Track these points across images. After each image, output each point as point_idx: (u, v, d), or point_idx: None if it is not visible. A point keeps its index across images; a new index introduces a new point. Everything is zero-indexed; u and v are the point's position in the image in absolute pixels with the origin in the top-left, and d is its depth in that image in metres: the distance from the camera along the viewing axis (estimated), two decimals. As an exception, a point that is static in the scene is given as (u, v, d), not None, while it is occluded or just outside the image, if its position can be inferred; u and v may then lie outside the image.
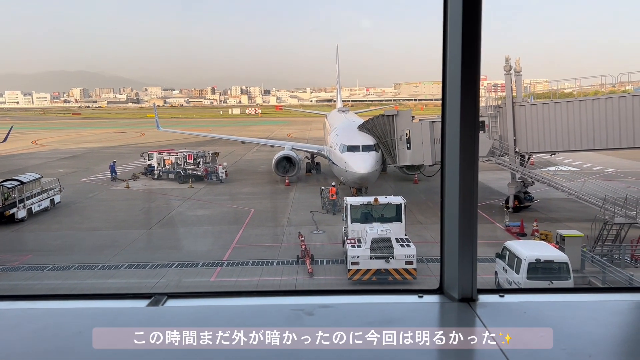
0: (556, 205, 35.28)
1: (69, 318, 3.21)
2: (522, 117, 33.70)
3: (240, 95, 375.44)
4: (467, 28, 3.11)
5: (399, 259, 22.17)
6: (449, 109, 3.27)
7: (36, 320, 3.18)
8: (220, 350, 2.90)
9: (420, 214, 33.12)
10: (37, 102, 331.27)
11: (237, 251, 27.03)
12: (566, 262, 19.89)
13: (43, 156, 66.83)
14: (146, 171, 49.53)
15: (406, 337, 2.98)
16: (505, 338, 2.97)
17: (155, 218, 35.04)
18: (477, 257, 3.39)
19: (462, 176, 3.25)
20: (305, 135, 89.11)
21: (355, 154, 35.84)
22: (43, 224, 33.48)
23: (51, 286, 22.59)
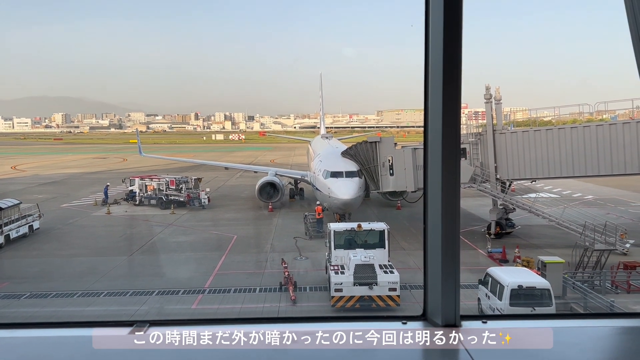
0: (537, 231, 35.59)
1: (48, 347, 3.14)
2: (503, 144, 34.20)
3: (224, 121, 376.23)
4: (448, 56, 3.19)
5: (383, 286, 22.09)
6: (430, 137, 3.32)
7: (15, 349, 3.11)
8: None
9: (403, 240, 33.16)
10: (18, 127, 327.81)
11: (219, 278, 26.72)
12: (548, 289, 19.99)
13: (23, 182, 65.87)
14: (128, 197, 49.04)
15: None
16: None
17: (136, 244, 34.57)
18: (460, 283, 3.41)
19: (444, 202, 3.29)
20: (289, 161, 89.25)
21: (339, 180, 35.95)
22: (21, 251, 32.83)
23: (28, 314, 22.06)
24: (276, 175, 48.46)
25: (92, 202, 48.92)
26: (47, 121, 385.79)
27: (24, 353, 3.08)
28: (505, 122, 39.08)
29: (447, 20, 3.15)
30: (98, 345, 3.14)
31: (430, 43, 3.26)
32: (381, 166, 36.44)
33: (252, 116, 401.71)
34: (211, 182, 59.20)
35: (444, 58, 3.18)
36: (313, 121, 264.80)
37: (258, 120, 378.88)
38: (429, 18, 3.25)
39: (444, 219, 3.30)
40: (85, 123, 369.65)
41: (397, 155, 36.09)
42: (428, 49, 3.28)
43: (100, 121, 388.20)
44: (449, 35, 3.17)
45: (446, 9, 3.15)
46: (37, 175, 73.70)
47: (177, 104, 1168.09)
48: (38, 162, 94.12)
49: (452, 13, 3.15)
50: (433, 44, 3.24)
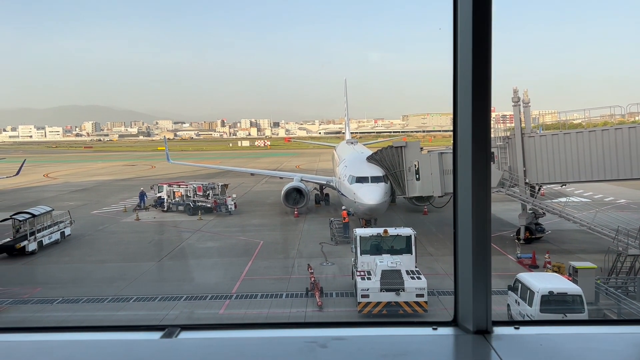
0: (568, 236, 34.91)
1: (83, 350, 3.20)
2: (532, 148, 33.68)
3: (250, 127, 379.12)
4: (477, 59, 3.16)
5: (410, 292, 21.91)
6: (460, 141, 3.29)
7: (50, 353, 3.17)
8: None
9: (430, 246, 32.87)
10: (50, 136, 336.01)
11: (246, 283, 26.87)
12: (580, 295, 19.57)
13: (55, 189, 67.39)
14: (156, 203, 49.75)
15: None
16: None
17: (165, 250, 35.02)
18: (491, 288, 3.36)
19: (475, 207, 3.25)
20: (314, 167, 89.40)
21: (364, 186, 35.85)
22: (53, 257, 33.55)
23: (60, 318, 22.52)
24: (301, 181, 48.63)
25: (122, 209, 49.75)
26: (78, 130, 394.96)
27: (59, 356, 3.14)
28: (534, 125, 38.47)
29: (476, 22, 3.12)
30: (130, 349, 3.18)
31: (459, 45, 3.23)
32: (407, 171, 36.22)
33: (278, 122, 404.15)
34: (237, 188, 59.65)
35: (473, 61, 3.15)
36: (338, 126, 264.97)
37: (283, 126, 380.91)
38: (457, 20, 3.23)
39: (474, 224, 3.26)
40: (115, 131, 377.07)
41: (423, 160, 35.84)
42: (457, 51, 3.26)
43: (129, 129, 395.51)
44: (478, 37, 3.14)
45: (475, 11, 3.12)
46: (68, 182, 75.33)
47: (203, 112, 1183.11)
48: (69, 170, 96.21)
49: (481, 15, 3.13)
50: (462, 46, 3.21)
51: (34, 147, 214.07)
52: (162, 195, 49.27)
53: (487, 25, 3.15)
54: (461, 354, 3.30)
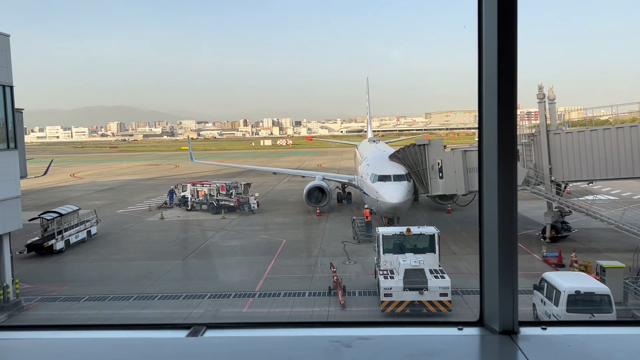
0: (595, 235, 34.29)
1: (111, 348, 3.25)
2: (557, 145, 33.16)
3: (272, 127, 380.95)
4: (502, 55, 3.11)
5: (433, 291, 21.75)
6: (486, 138, 3.25)
7: (80, 350, 3.23)
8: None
9: (454, 245, 32.60)
10: (76, 136, 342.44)
11: (269, 282, 26.99)
12: (608, 294, 19.21)
13: (81, 188, 68.62)
14: (180, 202, 50.31)
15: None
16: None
17: (189, 249, 35.40)
18: (518, 288, 3.31)
19: (500, 205, 3.20)
20: (336, 166, 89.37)
21: (387, 184, 35.68)
22: (80, 255, 34.16)
23: (88, 316, 22.92)
24: (323, 180, 48.62)
25: (147, 208, 50.40)
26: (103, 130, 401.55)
27: (89, 353, 3.20)
28: (560, 122, 37.86)
29: (501, 17, 3.08)
30: (157, 347, 3.22)
31: (484, 42, 3.19)
32: (430, 169, 35.95)
33: (299, 121, 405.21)
34: (260, 187, 59.96)
35: (499, 57, 3.11)
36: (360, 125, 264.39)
37: (305, 125, 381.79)
38: (482, 15, 3.19)
39: (500, 222, 3.21)
40: (139, 131, 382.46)
41: (446, 158, 35.53)
42: (482, 48, 3.22)
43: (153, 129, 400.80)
44: (503, 32, 3.10)
45: (500, 7, 3.08)
46: (94, 182, 76.65)
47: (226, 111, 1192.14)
48: (95, 170, 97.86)
49: (506, 9, 3.08)
50: (487, 43, 3.17)
51: (61, 147, 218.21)
52: (186, 194, 49.83)
53: (513, 20, 3.10)
54: (487, 355, 3.26)
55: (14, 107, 24.44)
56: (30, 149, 71.08)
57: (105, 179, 79.72)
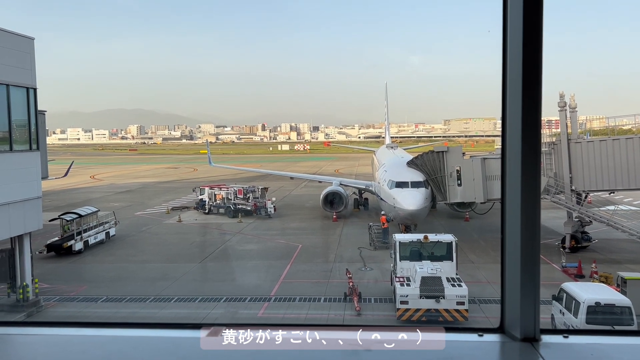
0: (616, 246, 33.73)
1: (132, 345, 3.30)
2: (578, 154, 32.75)
3: (290, 131, 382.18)
4: (527, 62, 3.09)
5: (450, 299, 21.55)
6: (509, 146, 3.23)
7: (102, 347, 3.28)
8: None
9: (472, 253, 32.30)
10: (97, 139, 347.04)
11: (285, 286, 27.00)
12: (629, 306, 18.86)
13: (101, 190, 69.47)
14: (197, 205, 50.64)
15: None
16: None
17: (206, 252, 35.58)
18: (540, 295, 3.28)
19: (523, 213, 3.18)
20: (354, 171, 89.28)
21: (404, 190, 35.50)
22: (98, 256, 34.54)
23: (105, 316, 23.16)
24: (340, 185, 48.59)
25: (165, 210, 50.83)
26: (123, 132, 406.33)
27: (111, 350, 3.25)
28: (581, 130, 37.39)
29: (526, 24, 3.06)
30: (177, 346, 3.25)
31: (509, 48, 3.17)
32: (448, 176, 35.70)
33: (317, 127, 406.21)
34: (277, 191, 60.11)
35: (524, 63, 3.09)
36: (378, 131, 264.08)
37: (323, 130, 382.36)
38: (507, 22, 3.18)
39: (523, 230, 3.19)
40: (159, 134, 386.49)
41: (465, 165, 35.27)
42: (506, 54, 3.20)
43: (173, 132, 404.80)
44: (528, 38, 3.08)
45: (526, 13, 3.06)
46: (114, 184, 77.55)
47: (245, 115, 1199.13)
48: (114, 172, 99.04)
49: (532, 16, 3.07)
50: (512, 49, 3.16)
51: (82, 149, 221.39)
52: (203, 198, 50.15)
53: (538, 27, 3.08)
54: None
55: (37, 109, 24.85)
56: (52, 151, 72.07)
57: (125, 181, 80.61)
